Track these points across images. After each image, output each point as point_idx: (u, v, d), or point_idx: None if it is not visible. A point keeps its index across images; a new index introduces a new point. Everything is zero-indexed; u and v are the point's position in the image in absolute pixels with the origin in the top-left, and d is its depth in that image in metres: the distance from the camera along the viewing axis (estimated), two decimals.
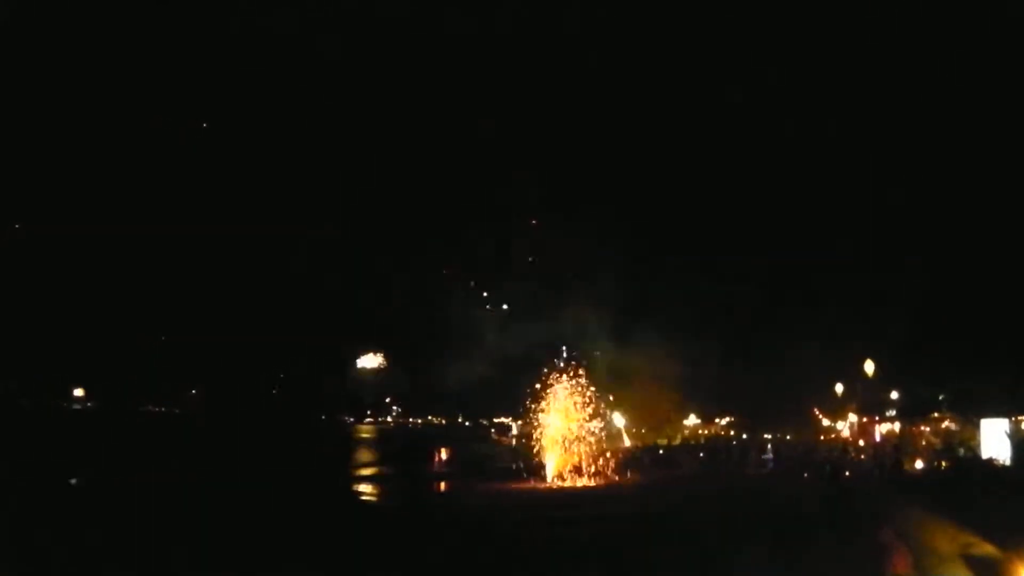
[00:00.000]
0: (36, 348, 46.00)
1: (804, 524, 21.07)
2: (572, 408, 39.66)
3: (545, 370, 39.58)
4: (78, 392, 55.96)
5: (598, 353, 40.26)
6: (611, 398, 40.01)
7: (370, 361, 63.14)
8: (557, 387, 39.55)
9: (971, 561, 15.40)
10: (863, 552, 16.90)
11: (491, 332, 39.60)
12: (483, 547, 20.11)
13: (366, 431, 65.83)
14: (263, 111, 44.47)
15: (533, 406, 39.71)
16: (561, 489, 37.01)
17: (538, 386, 39.55)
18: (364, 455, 51.49)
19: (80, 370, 51.10)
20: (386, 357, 58.64)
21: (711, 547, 18.51)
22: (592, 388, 39.57)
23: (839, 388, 47.95)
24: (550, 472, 39.39)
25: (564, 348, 39.99)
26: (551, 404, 39.63)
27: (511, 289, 40.75)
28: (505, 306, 40.34)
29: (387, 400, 64.32)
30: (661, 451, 47.51)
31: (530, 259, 40.78)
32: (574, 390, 39.57)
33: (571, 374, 39.48)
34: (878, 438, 45.89)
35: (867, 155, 43.12)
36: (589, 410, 39.66)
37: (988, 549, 15.70)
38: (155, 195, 44.28)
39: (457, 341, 39.64)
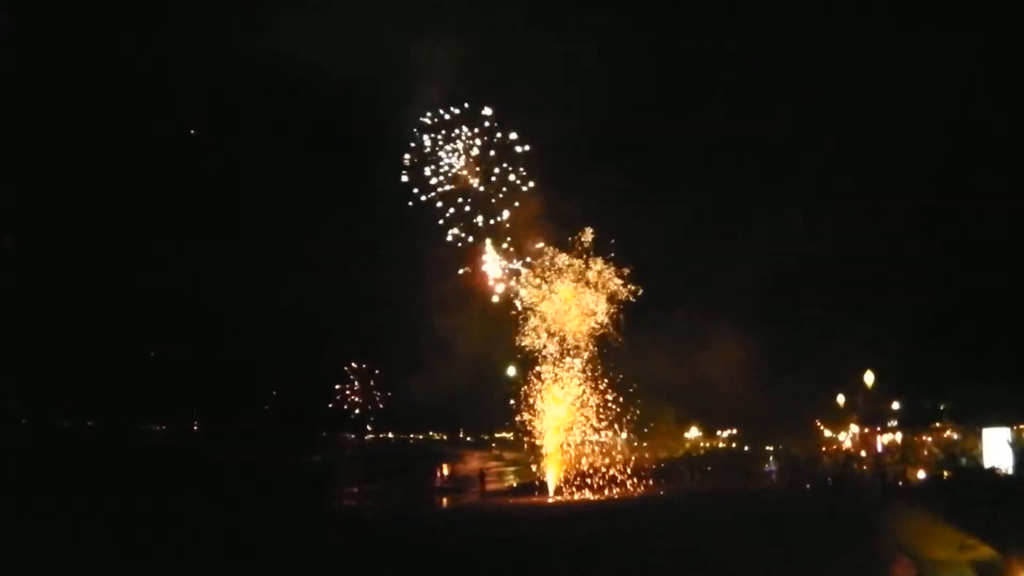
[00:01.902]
0: (37, 368, 45.93)
1: (807, 534, 21.05)
2: (573, 422, 39.53)
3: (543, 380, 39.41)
4: (80, 413, 55.92)
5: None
6: (612, 411, 39.76)
7: (372, 375, 62.96)
8: (556, 400, 39.41)
9: (971, 564, 15.40)
10: (865, 561, 16.88)
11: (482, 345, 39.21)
12: (481, 562, 20.08)
13: (366, 447, 65.77)
14: (258, 118, 44.11)
15: (533, 420, 39.54)
16: (562, 503, 36.93)
17: (538, 399, 39.39)
18: (365, 471, 51.42)
19: (80, 390, 50.99)
20: (384, 371, 58.40)
21: (713, 560, 18.47)
22: (592, 402, 39.41)
23: (840, 399, 47.89)
24: (551, 486, 39.28)
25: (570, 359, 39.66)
26: (551, 419, 39.49)
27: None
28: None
29: (385, 415, 64.08)
30: (663, 464, 47.38)
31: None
32: (575, 404, 39.45)
33: (571, 385, 39.33)
34: (880, 448, 45.78)
35: (869, 159, 43.08)
36: (590, 424, 39.52)
37: (988, 552, 15.69)
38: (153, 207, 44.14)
39: (450, 353, 39.22)
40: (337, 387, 60.48)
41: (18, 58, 37.68)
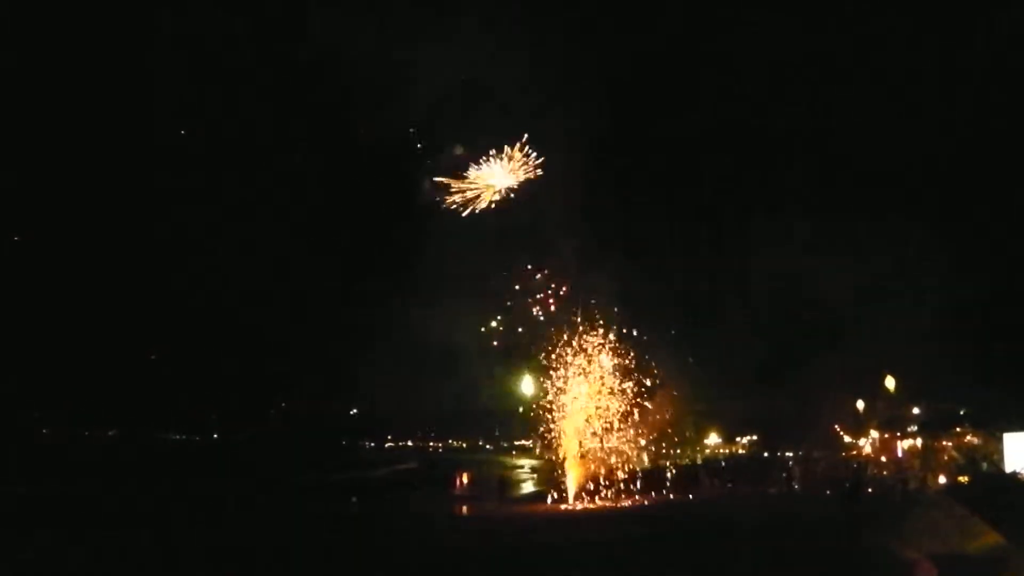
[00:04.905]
0: (57, 377, 46.23)
1: (827, 539, 21.11)
2: (591, 430, 39.63)
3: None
4: (99, 422, 56.28)
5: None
6: (632, 417, 39.81)
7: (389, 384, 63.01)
8: (574, 407, 39.52)
9: (980, 551, 15.54)
10: (887, 565, 16.96)
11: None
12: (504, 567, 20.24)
13: (386, 456, 65.86)
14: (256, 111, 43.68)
15: (553, 428, 39.64)
16: (581, 511, 36.99)
17: (554, 408, 39.47)
18: (386, 479, 51.60)
19: (101, 398, 51.33)
20: (405, 379, 58.42)
21: (732, 566, 18.57)
22: (611, 408, 39.47)
23: (860, 404, 47.73)
24: (571, 493, 39.33)
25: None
26: (570, 426, 39.59)
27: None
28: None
29: (408, 424, 64.13)
30: (682, 470, 47.36)
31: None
32: (594, 412, 39.53)
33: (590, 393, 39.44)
34: (900, 454, 45.61)
35: (882, 163, 42.96)
36: (609, 431, 39.60)
37: (996, 539, 15.81)
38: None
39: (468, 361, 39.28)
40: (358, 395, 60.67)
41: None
